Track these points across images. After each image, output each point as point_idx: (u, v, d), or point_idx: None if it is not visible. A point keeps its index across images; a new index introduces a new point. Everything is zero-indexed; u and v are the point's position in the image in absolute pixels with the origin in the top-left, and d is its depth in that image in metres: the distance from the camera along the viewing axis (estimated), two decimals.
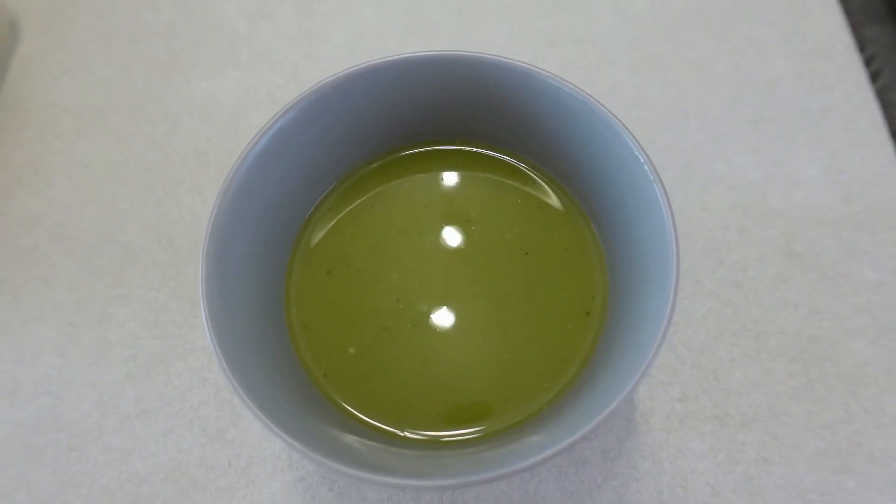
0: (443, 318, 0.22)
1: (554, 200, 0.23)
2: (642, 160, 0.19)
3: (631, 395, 0.19)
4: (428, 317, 0.22)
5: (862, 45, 0.32)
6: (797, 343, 0.27)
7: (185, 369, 0.27)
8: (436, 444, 0.20)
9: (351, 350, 0.22)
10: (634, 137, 0.19)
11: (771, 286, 0.28)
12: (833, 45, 0.33)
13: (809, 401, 0.26)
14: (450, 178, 0.24)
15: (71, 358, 0.28)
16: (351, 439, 0.19)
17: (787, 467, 0.25)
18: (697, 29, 0.34)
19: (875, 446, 0.25)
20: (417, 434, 0.20)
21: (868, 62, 0.32)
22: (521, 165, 0.24)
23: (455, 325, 0.22)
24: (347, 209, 0.23)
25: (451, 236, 0.23)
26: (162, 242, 0.30)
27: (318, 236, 0.23)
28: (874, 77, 0.31)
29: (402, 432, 0.21)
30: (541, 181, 0.24)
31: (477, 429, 0.21)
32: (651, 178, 0.18)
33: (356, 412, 0.21)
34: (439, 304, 0.22)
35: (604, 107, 0.19)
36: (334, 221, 0.23)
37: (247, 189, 0.20)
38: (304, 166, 0.22)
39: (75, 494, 0.26)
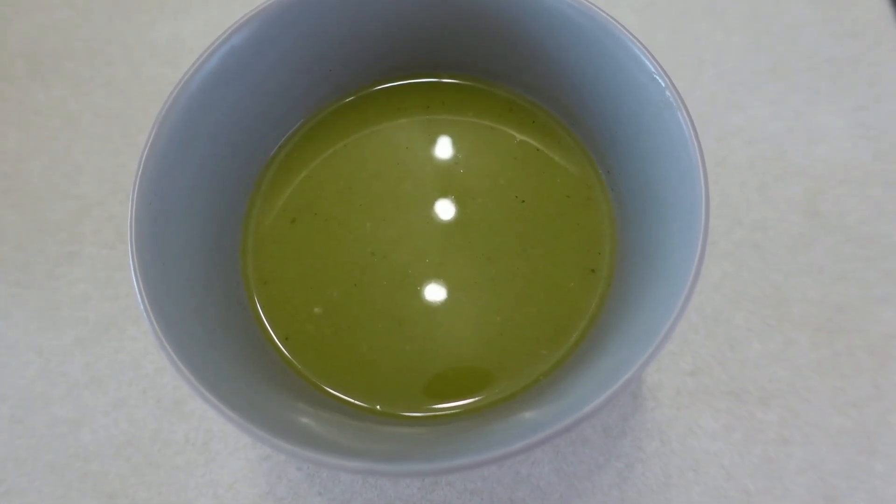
0: (424, 273, 0.19)
1: (556, 142, 0.21)
2: (664, 84, 0.16)
3: (644, 369, 0.16)
4: (406, 272, 0.19)
5: None
6: (822, 312, 0.24)
7: (140, 333, 0.25)
8: (413, 420, 0.18)
9: (316, 310, 0.19)
10: (654, 58, 0.16)
11: (793, 249, 0.25)
12: None
13: (835, 375, 0.23)
14: (435, 115, 0.21)
15: (15, 321, 0.25)
16: (310, 411, 0.16)
17: (809, 448, 0.22)
18: None
19: None
20: (391, 408, 0.18)
21: None
22: (518, 101, 0.21)
23: (438, 283, 0.19)
24: (316, 150, 0.20)
25: (436, 181, 0.20)
26: (119, 195, 0.27)
27: (282, 179, 0.20)
28: None
29: (374, 406, 0.18)
30: (541, 119, 0.21)
31: (462, 402, 0.18)
32: (675, 104, 0.16)
33: (319, 382, 0.18)
34: (420, 257, 0.19)
35: (617, 22, 0.16)
36: (301, 164, 0.20)
37: (193, 118, 0.17)
38: (263, 96, 0.19)
39: (18, 471, 0.23)
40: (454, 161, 0.20)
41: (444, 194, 0.20)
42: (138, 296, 0.14)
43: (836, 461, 0.22)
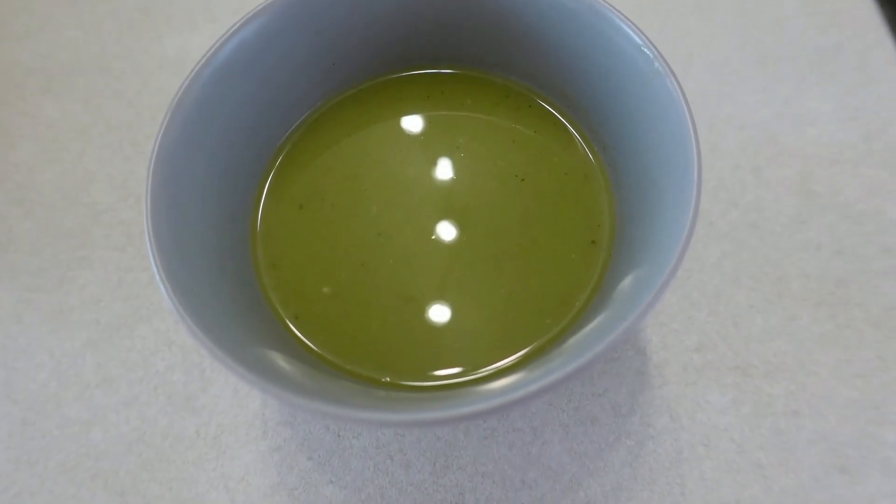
0: (429, 252, 0.20)
1: (551, 124, 0.21)
2: (651, 55, 0.17)
3: (637, 326, 0.17)
4: (412, 251, 0.20)
5: None
6: (822, 286, 0.24)
7: (150, 332, 0.25)
8: (421, 389, 0.18)
9: (325, 290, 0.19)
10: (641, 31, 0.17)
11: (789, 227, 0.25)
12: None
13: (839, 348, 0.23)
14: (434, 104, 0.22)
15: (27, 325, 0.26)
16: (326, 379, 0.16)
17: (818, 420, 0.22)
18: None
19: None
20: (400, 380, 0.18)
21: None
22: (513, 86, 0.22)
23: (443, 260, 0.20)
24: (321, 139, 0.21)
25: (438, 164, 0.21)
26: (129, 200, 0.28)
27: (289, 168, 0.21)
28: None
29: (385, 378, 0.18)
30: (537, 103, 0.21)
31: (471, 372, 0.18)
32: (664, 72, 0.16)
33: (331, 357, 0.18)
34: (425, 237, 0.20)
35: (606, 3, 0.17)
36: (307, 152, 0.21)
37: (203, 106, 0.18)
38: (272, 88, 0.19)
39: (30, 472, 0.23)
40: (455, 146, 0.21)
41: (446, 177, 0.21)
42: (153, 262, 0.15)
43: (847, 432, 0.22)
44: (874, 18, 0.30)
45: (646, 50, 0.17)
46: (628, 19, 0.17)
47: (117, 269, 0.27)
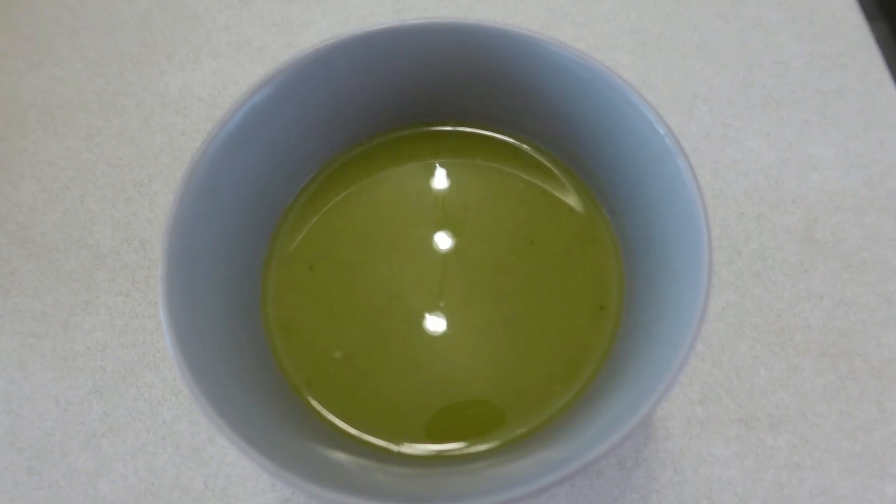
0: (440, 315, 0.20)
1: (560, 185, 0.21)
2: (662, 132, 0.17)
3: (659, 403, 0.17)
4: (423, 315, 0.20)
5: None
6: (824, 337, 0.25)
7: (157, 380, 0.25)
8: (436, 459, 0.18)
9: (337, 354, 0.19)
10: (653, 107, 0.17)
11: (793, 276, 0.26)
12: (843, 24, 0.31)
13: (841, 400, 0.24)
14: (443, 163, 0.22)
15: (31, 371, 0.26)
16: (338, 456, 0.16)
17: (820, 473, 0.23)
18: (701, 10, 0.32)
19: None
20: (414, 448, 0.18)
21: None
22: (523, 147, 0.22)
23: (454, 323, 0.20)
24: (331, 199, 0.21)
25: (447, 225, 0.21)
26: (133, 244, 0.28)
27: (299, 229, 0.21)
28: None
29: (398, 447, 0.18)
30: (545, 163, 0.22)
31: (483, 440, 0.18)
32: (674, 151, 0.16)
33: (344, 425, 0.18)
34: (436, 299, 0.20)
35: (617, 75, 0.17)
36: (316, 212, 0.21)
37: (215, 175, 0.18)
38: (280, 150, 0.19)
39: None
40: (464, 205, 0.21)
41: (455, 238, 0.21)
42: (171, 348, 0.15)
43: (848, 485, 0.22)
44: (876, 61, 0.30)
45: (658, 127, 0.17)
46: (641, 94, 0.17)
47: (122, 314, 0.26)
